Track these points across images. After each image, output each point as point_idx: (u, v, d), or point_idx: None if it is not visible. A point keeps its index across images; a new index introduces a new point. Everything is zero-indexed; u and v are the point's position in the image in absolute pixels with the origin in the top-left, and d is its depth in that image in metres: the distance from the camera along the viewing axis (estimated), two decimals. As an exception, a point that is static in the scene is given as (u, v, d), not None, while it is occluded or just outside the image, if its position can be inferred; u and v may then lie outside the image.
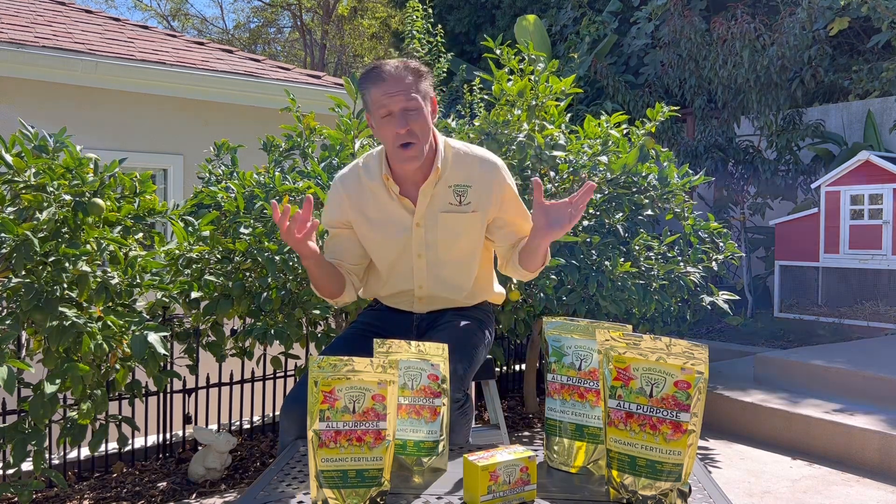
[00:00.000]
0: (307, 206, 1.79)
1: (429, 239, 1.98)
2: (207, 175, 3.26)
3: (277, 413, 3.75)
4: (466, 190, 1.96)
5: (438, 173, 1.93)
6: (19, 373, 2.53)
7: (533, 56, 3.49)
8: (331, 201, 2.05)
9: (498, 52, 3.53)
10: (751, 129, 7.08)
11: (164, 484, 3.03)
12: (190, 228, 2.70)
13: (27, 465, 2.79)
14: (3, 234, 2.19)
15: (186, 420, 3.44)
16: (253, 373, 3.59)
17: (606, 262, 3.27)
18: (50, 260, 2.27)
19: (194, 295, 2.65)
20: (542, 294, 3.29)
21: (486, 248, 2.11)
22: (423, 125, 1.86)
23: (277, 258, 2.67)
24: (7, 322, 2.23)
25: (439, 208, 1.96)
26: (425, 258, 2.00)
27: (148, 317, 2.51)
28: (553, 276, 3.26)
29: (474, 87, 6.89)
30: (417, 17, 7.03)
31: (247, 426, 3.66)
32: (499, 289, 2.22)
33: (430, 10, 7.57)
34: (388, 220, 1.99)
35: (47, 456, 2.97)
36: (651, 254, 3.47)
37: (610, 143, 3.57)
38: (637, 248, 3.39)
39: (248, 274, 2.77)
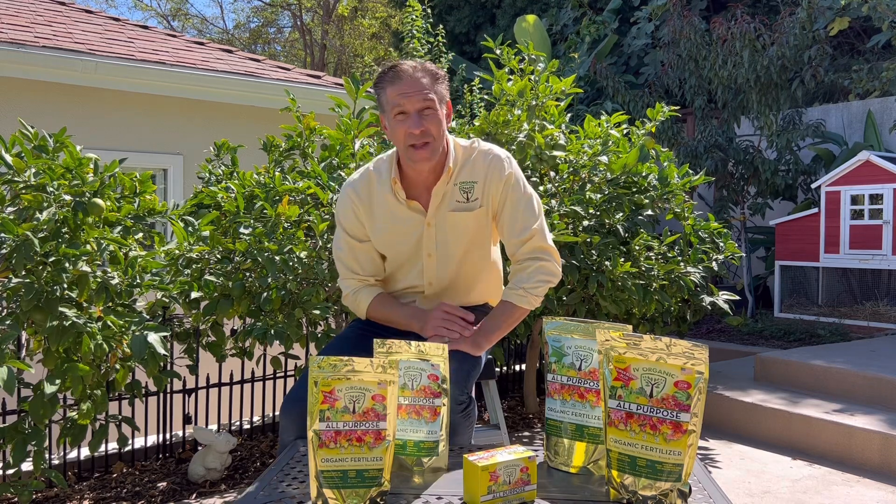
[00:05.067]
0: None
1: (439, 238, 1.98)
2: (207, 175, 3.26)
3: (277, 413, 3.75)
4: (473, 186, 1.96)
5: (451, 172, 1.94)
6: (19, 373, 2.53)
7: (533, 56, 3.49)
8: (345, 209, 2.02)
9: (498, 52, 3.53)
10: (751, 129, 7.08)
11: (164, 484, 3.03)
12: (190, 228, 2.70)
13: (27, 465, 2.79)
14: (3, 234, 2.19)
15: (186, 420, 3.44)
16: (253, 373, 3.59)
17: (606, 262, 3.27)
18: (50, 260, 2.27)
19: (194, 295, 2.65)
20: (542, 294, 3.29)
21: (495, 250, 2.11)
22: (438, 126, 1.86)
23: (277, 258, 2.67)
24: (7, 322, 2.23)
25: (448, 207, 1.97)
26: (435, 257, 2.00)
27: (148, 317, 2.51)
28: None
29: (474, 87, 6.90)
30: (417, 16, 7.02)
31: (247, 426, 3.66)
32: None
33: (430, 11, 7.56)
34: (398, 222, 1.98)
35: (47, 456, 2.97)
36: (651, 254, 3.47)
37: (610, 143, 3.57)
38: (637, 248, 3.39)
39: (248, 274, 2.77)
